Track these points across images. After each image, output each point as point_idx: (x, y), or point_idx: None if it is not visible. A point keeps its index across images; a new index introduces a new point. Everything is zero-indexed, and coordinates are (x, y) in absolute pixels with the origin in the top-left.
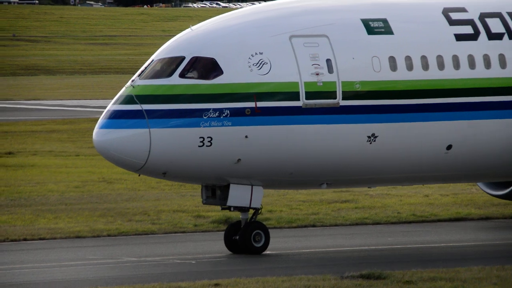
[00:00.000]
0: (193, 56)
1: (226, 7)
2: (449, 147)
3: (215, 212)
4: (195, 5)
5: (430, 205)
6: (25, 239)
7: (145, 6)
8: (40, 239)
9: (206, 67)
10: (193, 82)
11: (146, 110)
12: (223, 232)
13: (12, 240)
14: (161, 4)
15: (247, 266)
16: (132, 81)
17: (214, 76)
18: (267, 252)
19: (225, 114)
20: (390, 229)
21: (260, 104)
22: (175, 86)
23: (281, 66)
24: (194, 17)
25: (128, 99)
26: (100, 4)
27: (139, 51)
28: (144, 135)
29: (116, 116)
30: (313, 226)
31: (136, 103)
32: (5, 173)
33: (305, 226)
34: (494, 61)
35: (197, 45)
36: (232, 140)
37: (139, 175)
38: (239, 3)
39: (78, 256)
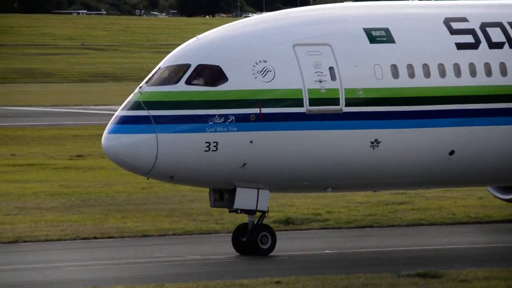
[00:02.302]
0: (199, 63)
1: None
2: (451, 152)
3: (276, 212)
4: (255, 15)
5: (484, 207)
6: (95, 238)
7: (207, 16)
8: (109, 237)
9: (212, 74)
10: (199, 89)
11: (153, 116)
12: (284, 232)
13: (82, 239)
14: (222, 14)
15: (307, 265)
16: (140, 87)
17: (220, 83)
18: (324, 251)
19: (231, 119)
20: (445, 230)
21: (265, 110)
22: (181, 93)
23: (285, 74)
24: None
25: (136, 105)
26: (164, 14)
27: None
28: (151, 140)
29: (125, 122)
30: (371, 226)
31: (144, 109)
32: (76, 175)
33: (363, 227)
34: (495, 69)
35: (203, 53)
36: (238, 145)
37: (147, 179)
38: None
39: (145, 254)
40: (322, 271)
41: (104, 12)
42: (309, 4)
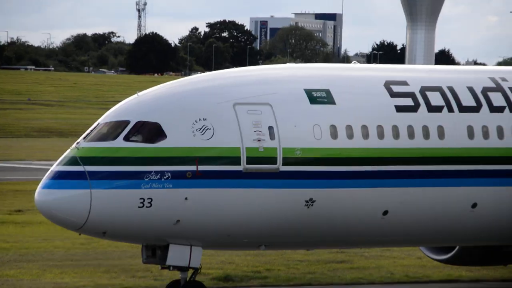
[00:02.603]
0: (138, 120)
1: None
2: (385, 212)
3: (215, 269)
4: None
5: (422, 267)
6: None
7: (155, 75)
8: None
9: (151, 131)
10: (137, 146)
11: (88, 172)
12: None
13: None
14: (171, 73)
15: None
16: (77, 143)
17: (158, 140)
18: None
19: (166, 176)
20: None
21: (202, 167)
22: (118, 149)
23: (224, 132)
24: None
25: (72, 161)
26: (113, 71)
27: None
28: (85, 195)
29: (59, 177)
30: (310, 284)
31: (80, 165)
32: (14, 230)
33: (302, 285)
34: (433, 132)
35: (142, 110)
36: (172, 202)
37: (79, 234)
38: None
39: None
40: None
41: (52, 69)
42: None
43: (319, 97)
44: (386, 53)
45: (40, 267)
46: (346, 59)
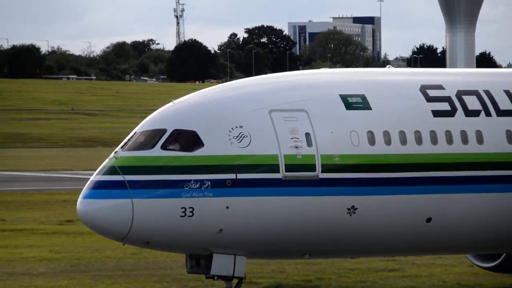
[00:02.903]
0: (175, 128)
1: None
2: (428, 219)
3: (266, 278)
4: None
5: (474, 275)
6: None
7: (197, 82)
8: None
9: (188, 139)
10: (175, 154)
11: (128, 181)
12: None
13: None
14: (212, 80)
15: None
16: (115, 152)
17: (195, 148)
18: None
19: (206, 185)
20: None
21: (241, 175)
22: (157, 158)
23: (261, 139)
24: None
25: (111, 170)
26: (154, 79)
27: None
28: (127, 205)
29: (99, 187)
30: None
31: (119, 174)
32: (65, 240)
33: None
34: (471, 137)
35: (179, 118)
36: (214, 211)
37: (123, 245)
38: None
39: None
40: None
41: (94, 77)
42: (296, 66)
43: (354, 103)
44: (426, 56)
45: (92, 278)
46: (386, 64)
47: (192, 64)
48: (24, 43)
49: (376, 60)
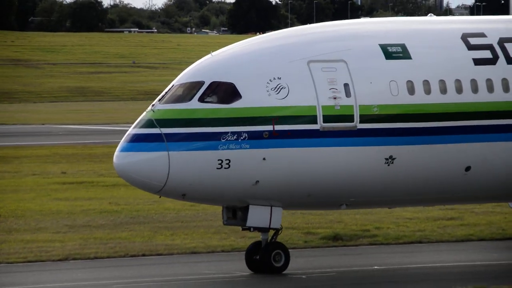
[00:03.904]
0: (213, 81)
1: None
2: (467, 168)
3: (324, 229)
4: None
5: None
6: (143, 255)
7: (258, 33)
8: (158, 254)
9: (225, 91)
10: (212, 106)
11: (165, 134)
12: (332, 248)
13: (131, 256)
14: (273, 31)
15: (354, 281)
16: (153, 105)
17: (233, 100)
18: (373, 267)
19: (243, 137)
20: (495, 245)
21: (278, 127)
22: (194, 110)
23: (299, 91)
24: None
25: (148, 123)
26: (215, 32)
27: None
28: (163, 158)
29: (136, 140)
30: (420, 242)
31: (156, 127)
32: (125, 192)
33: (412, 243)
34: None
35: (217, 71)
36: (250, 163)
37: (159, 197)
38: None
39: (194, 271)
40: (368, 287)
41: (155, 30)
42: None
43: (394, 52)
44: (489, 4)
45: (151, 229)
46: (448, 12)
47: (253, 15)
48: None
49: (438, 9)
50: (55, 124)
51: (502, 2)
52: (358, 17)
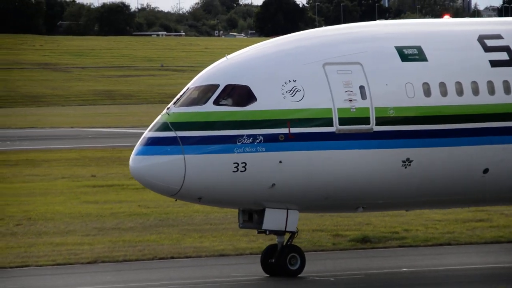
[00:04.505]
0: (228, 83)
1: None
2: (485, 170)
3: (353, 231)
4: None
5: None
6: (172, 257)
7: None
8: (187, 257)
9: (240, 94)
10: (227, 109)
11: (180, 137)
12: (361, 250)
13: (160, 258)
14: None
15: (383, 283)
16: (168, 108)
17: (248, 103)
18: (401, 270)
19: (259, 140)
20: None
21: (294, 130)
22: (209, 113)
23: (314, 93)
24: None
25: (163, 126)
26: (243, 34)
27: None
28: (179, 161)
29: (152, 143)
30: (449, 244)
31: (171, 130)
32: (154, 195)
33: (441, 245)
34: None
35: (232, 73)
36: (266, 166)
37: (175, 200)
38: None
39: (223, 274)
40: None
41: (183, 34)
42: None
43: (410, 54)
44: None
45: (180, 232)
46: (476, 14)
47: (280, 18)
48: (114, 0)
49: (466, 10)
50: (84, 127)
51: None
52: (386, 19)
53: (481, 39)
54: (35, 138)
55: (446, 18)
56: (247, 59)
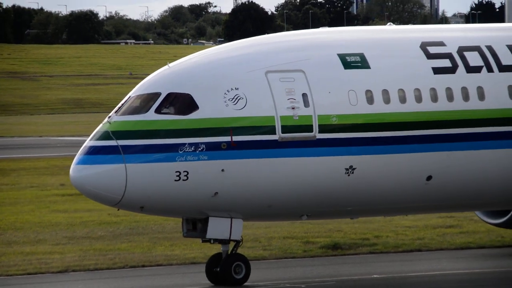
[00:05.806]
0: (170, 92)
1: None
2: (429, 178)
3: (323, 238)
4: None
5: None
6: (143, 266)
7: None
8: (158, 265)
9: (182, 103)
10: (169, 118)
11: (122, 146)
12: (331, 257)
13: (131, 267)
14: None
15: None
16: (109, 117)
17: (190, 111)
18: (372, 276)
19: (201, 148)
20: (494, 253)
21: (236, 138)
22: (151, 122)
23: (257, 101)
24: None
25: (105, 135)
26: (212, 42)
27: None
28: (120, 170)
29: (93, 152)
30: (419, 250)
31: (112, 139)
32: None
33: (411, 251)
34: (472, 94)
35: (173, 82)
36: (209, 174)
37: (117, 210)
38: None
39: (194, 281)
40: None
41: (152, 42)
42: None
43: (353, 62)
44: (485, 12)
45: (151, 240)
46: (444, 21)
47: (249, 25)
48: (82, 9)
49: (434, 17)
50: (53, 136)
51: (497, 10)
52: (354, 26)
53: (424, 46)
54: (3, 147)
55: (389, 25)
56: (189, 67)
